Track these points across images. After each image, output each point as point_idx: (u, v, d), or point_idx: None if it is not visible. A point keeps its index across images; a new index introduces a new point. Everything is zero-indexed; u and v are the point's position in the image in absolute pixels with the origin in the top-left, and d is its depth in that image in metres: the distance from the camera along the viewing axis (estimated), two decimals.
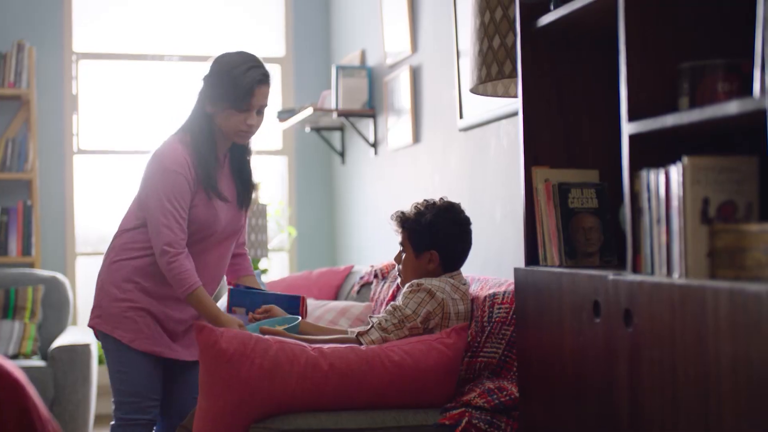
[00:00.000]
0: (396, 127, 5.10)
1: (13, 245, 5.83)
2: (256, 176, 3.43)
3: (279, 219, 6.23)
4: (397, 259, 3.28)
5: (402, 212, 3.26)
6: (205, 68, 3.23)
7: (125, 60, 6.35)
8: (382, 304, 3.93)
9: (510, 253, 3.75)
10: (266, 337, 2.92)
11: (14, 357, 5.23)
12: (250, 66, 3.16)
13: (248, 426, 2.84)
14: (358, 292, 4.30)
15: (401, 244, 3.26)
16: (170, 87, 6.38)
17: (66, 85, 6.15)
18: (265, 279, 5.14)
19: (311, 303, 4.14)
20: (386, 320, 3.06)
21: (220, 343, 2.82)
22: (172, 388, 3.34)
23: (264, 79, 3.18)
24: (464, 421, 2.84)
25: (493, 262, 3.92)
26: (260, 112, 3.21)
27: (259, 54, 6.53)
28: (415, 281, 3.12)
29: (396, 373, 2.91)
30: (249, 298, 3.28)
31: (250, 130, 3.20)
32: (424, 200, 3.27)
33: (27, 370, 4.92)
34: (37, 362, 5.10)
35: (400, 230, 3.26)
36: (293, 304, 3.27)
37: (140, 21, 6.35)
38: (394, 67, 5.16)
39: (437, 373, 2.96)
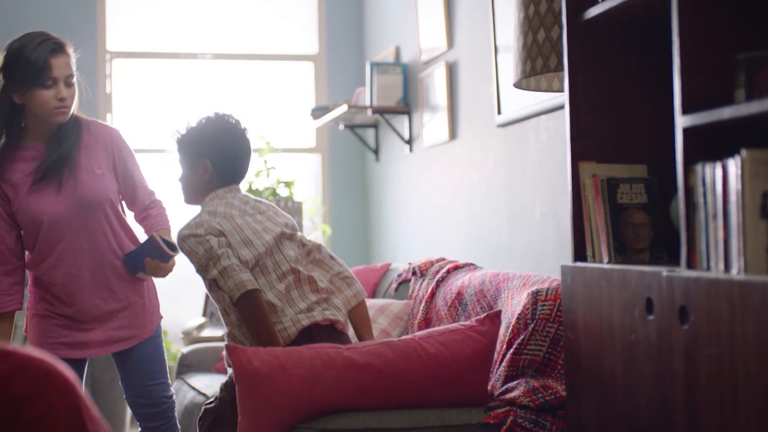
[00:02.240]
0: (431, 124, 5.06)
1: None
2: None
3: (313, 217, 6.20)
4: (179, 178, 3.19)
5: (176, 130, 3.18)
6: (2, 61, 3.18)
7: (159, 59, 6.35)
8: (421, 301, 3.90)
9: (550, 251, 3.71)
10: (300, 347, 2.89)
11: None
12: (40, 41, 3.13)
13: (292, 426, 2.81)
14: (396, 289, 4.27)
15: (179, 162, 3.17)
16: (204, 85, 6.38)
17: (100, 83, 6.15)
18: None
19: None
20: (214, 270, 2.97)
21: (252, 363, 2.78)
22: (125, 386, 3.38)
23: (57, 47, 3.14)
24: (509, 421, 2.81)
25: (532, 259, 3.88)
26: (69, 84, 3.16)
27: (293, 52, 6.53)
28: (179, 234, 3.02)
29: (433, 366, 2.88)
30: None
31: (65, 103, 3.14)
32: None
33: None
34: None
35: (176, 148, 3.17)
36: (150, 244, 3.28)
37: (174, 19, 6.35)
38: (429, 63, 5.12)
39: (474, 362, 2.92)
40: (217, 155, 3.10)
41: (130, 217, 3.41)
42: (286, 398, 2.78)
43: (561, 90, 3.02)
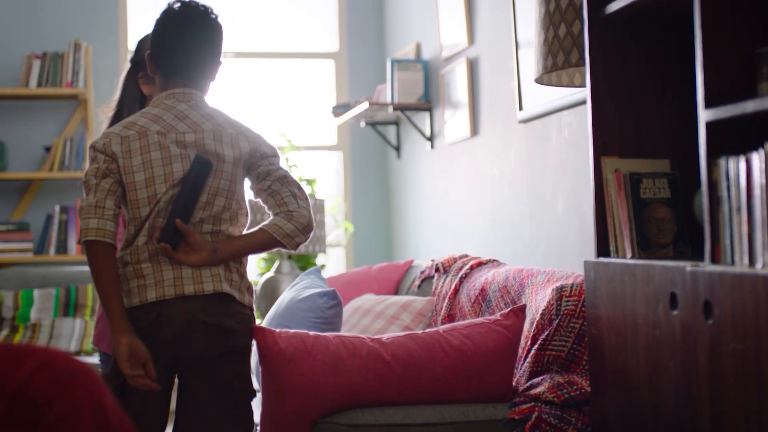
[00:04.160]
0: (453, 121, 5.05)
1: (73, 244, 5.87)
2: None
3: (335, 214, 6.21)
4: None
5: None
6: (134, 52, 3.28)
7: None
8: (444, 298, 3.89)
9: (572, 247, 3.70)
10: (325, 334, 2.91)
11: (76, 354, 5.26)
12: None
13: (315, 422, 2.82)
14: (419, 286, 4.27)
15: None
16: (224, 84, 6.39)
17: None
18: (323, 274, 5.12)
19: (371, 298, 4.12)
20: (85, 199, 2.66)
21: (279, 344, 2.81)
22: None
23: None
24: (534, 416, 2.80)
25: (554, 255, 3.87)
26: None
27: (314, 50, 6.51)
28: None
29: (457, 358, 2.88)
30: None
31: None
32: None
33: None
34: (98, 360, 5.12)
35: None
36: None
37: None
38: (450, 59, 5.11)
39: (498, 355, 2.92)
40: (156, 45, 2.80)
41: None
42: (310, 384, 2.80)
43: (582, 85, 3.01)
